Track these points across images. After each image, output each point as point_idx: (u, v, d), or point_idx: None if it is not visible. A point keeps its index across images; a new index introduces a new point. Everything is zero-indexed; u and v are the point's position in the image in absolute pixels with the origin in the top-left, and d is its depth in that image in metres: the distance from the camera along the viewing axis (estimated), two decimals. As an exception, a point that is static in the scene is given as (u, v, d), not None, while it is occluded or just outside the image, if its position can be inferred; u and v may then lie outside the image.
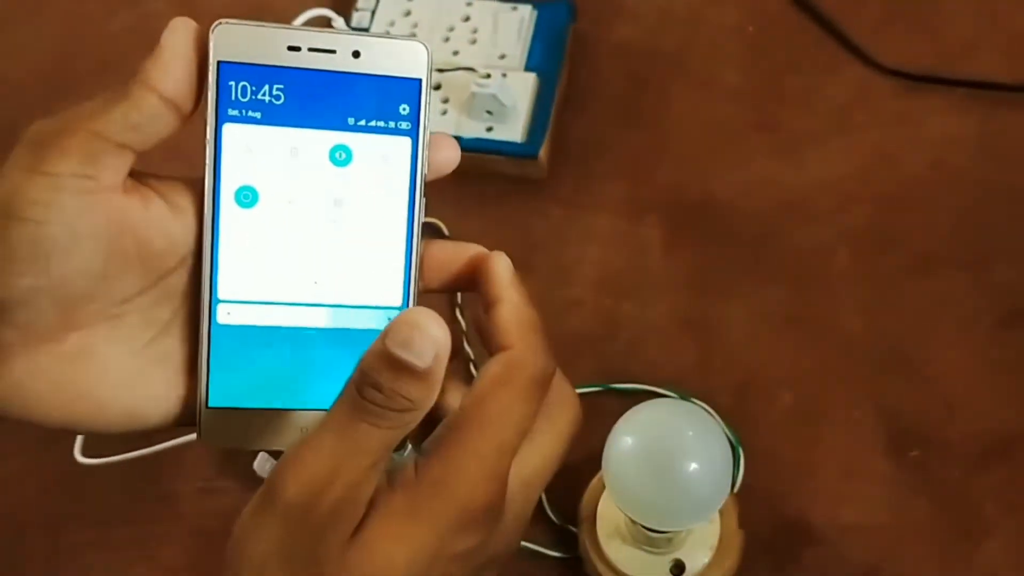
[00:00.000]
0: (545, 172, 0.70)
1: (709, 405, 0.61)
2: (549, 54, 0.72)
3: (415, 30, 0.73)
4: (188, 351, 0.43)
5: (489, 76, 0.69)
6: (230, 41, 0.40)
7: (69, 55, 0.79)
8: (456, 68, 0.71)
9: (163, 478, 0.63)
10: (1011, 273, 0.65)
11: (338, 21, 0.74)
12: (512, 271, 0.42)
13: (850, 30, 0.72)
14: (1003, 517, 0.59)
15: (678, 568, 0.56)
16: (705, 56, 0.74)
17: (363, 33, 0.46)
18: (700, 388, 0.62)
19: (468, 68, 0.70)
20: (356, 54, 0.41)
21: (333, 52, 0.41)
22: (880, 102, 0.71)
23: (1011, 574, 0.58)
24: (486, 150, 0.69)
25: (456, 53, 0.72)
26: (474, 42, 0.72)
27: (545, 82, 0.71)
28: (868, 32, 0.72)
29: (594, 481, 0.58)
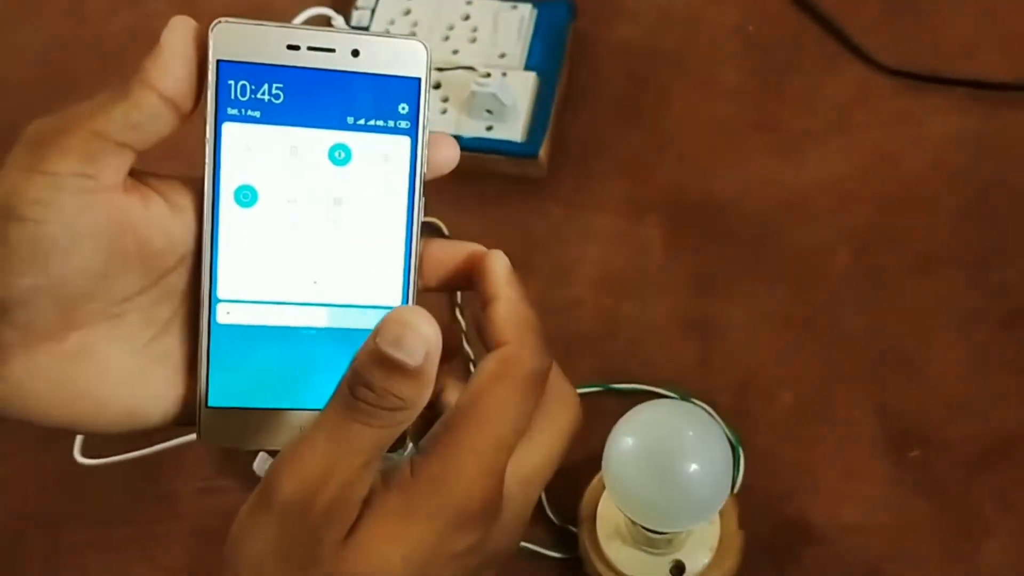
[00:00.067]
0: (545, 171, 0.70)
1: (709, 405, 0.61)
2: (549, 53, 0.72)
3: (415, 29, 0.73)
4: (188, 350, 0.43)
5: (489, 75, 0.69)
6: (229, 40, 0.40)
7: (69, 55, 0.79)
8: (456, 67, 0.70)
9: (163, 478, 0.63)
10: (1011, 273, 0.65)
11: (338, 20, 0.74)
12: (509, 269, 0.42)
13: (850, 29, 0.72)
14: (1003, 517, 0.59)
15: (678, 569, 0.56)
16: (705, 55, 0.74)
17: (362, 32, 0.46)
18: (700, 388, 0.62)
19: (468, 67, 0.70)
20: (355, 53, 0.41)
21: (332, 51, 0.41)
22: (880, 101, 0.71)
23: (1011, 574, 0.58)
24: (486, 149, 0.69)
25: (456, 52, 0.72)
26: (474, 41, 0.72)
27: (545, 81, 0.71)
28: (868, 31, 0.72)
29: (594, 481, 0.58)
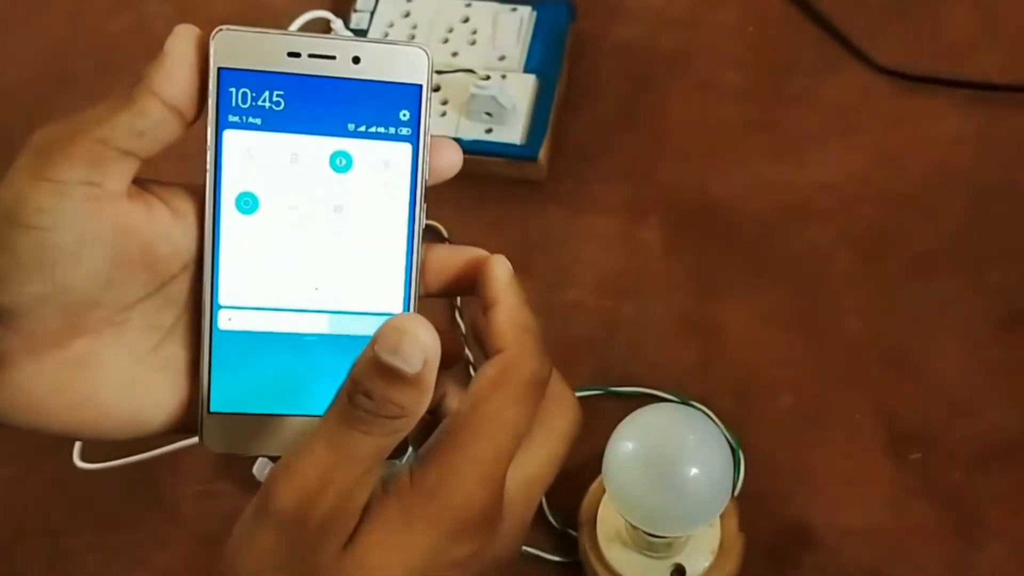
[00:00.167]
0: (545, 174, 0.70)
1: (709, 407, 0.61)
2: (548, 55, 0.72)
3: (414, 31, 0.73)
4: (191, 357, 0.43)
5: (488, 78, 0.69)
6: (230, 47, 0.40)
7: (68, 56, 0.78)
8: (455, 70, 0.70)
9: (162, 482, 0.63)
10: (1012, 274, 0.64)
11: (337, 23, 0.74)
12: (511, 274, 0.42)
13: (850, 30, 0.72)
14: (1004, 520, 0.58)
15: (679, 572, 0.56)
16: (705, 57, 0.73)
17: (363, 39, 0.46)
18: (700, 390, 0.62)
19: (467, 70, 0.70)
20: (356, 60, 0.41)
21: (333, 58, 0.41)
22: (880, 103, 0.70)
23: (1012, 577, 0.58)
24: (485, 152, 0.69)
25: (455, 54, 0.72)
26: (473, 43, 0.72)
27: (544, 83, 0.71)
28: (868, 33, 0.72)
29: (594, 485, 0.58)
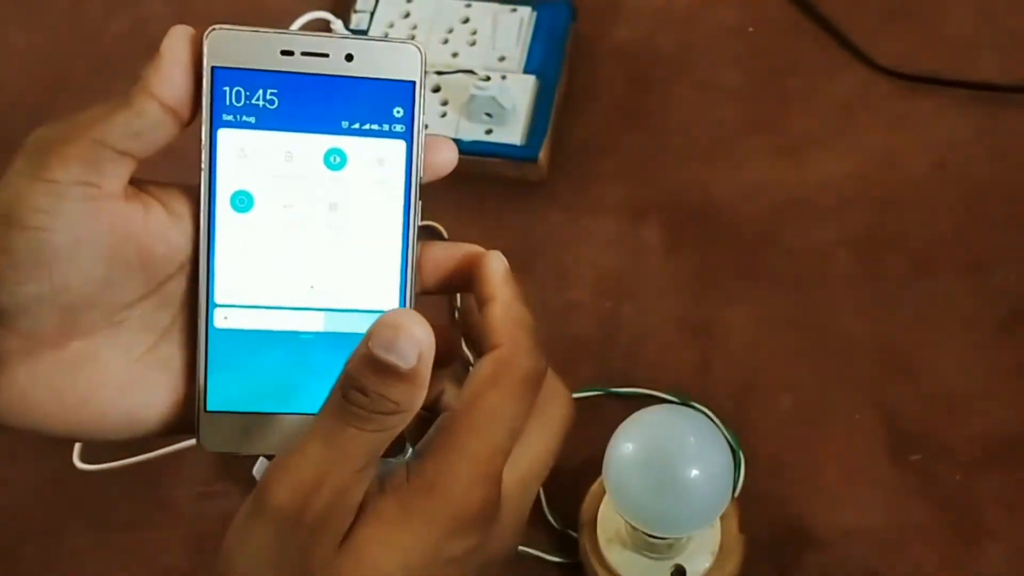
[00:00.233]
0: (545, 174, 0.70)
1: (709, 409, 0.61)
2: (548, 56, 0.72)
3: (414, 32, 0.73)
4: (188, 357, 0.42)
5: (488, 78, 0.69)
6: (224, 46, 0.40)
7: (67, 57, 0.78)
8: (455, 70, 0.70)
9: (162, 483, 0.63)
10: (1012, 275, 0.64)
11: (336, 23, 0.74)
12: (506, 269, 0.42)
13: (850, 31, 0.72)
14: (1005, 520, 0.58)
15: (679, 573, 0.56)
16: (705, 57, 0.73)
17: (356, 36, 0.46)
18: (700, 392, 0.62)
19: (467, 70, 0.70)
20: (349, 57, 0.41)
21: (326, 56, 0.41)
22: (880, 103, 0.70)
23: (1013, 578, 0.58)
24: (485, 153, 0.69)
25: (455, 55, 0.72)
26: (473, 44, 0.72)
27: (544, 84, 0.70)
28: (868, 33, 0.72)
29: (594, 486, 0.58)
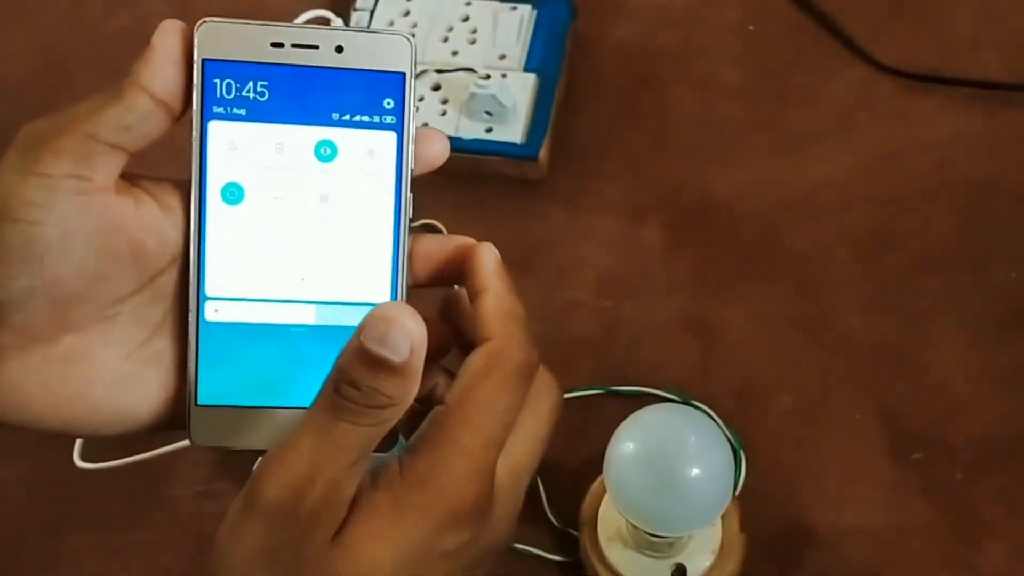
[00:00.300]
0: (545, 173, 0.70)
1: (710, 407, 0.61)
2: (549, 54, 0.71)
3: (414, 30, 0.73)
4: (180, 352, 0.42)
5: (489, 77, 0.69)
6: (214, 39, 0.40)
7: (66, 55, 0.78)
8: (455, 69, 0.70)
9: (162, 482, 0.63)
10: (1013, 274, 0.64)
11: (336, 22, 0.74)
12: (498, 261, 0.42)
13: (851, 29, 0.72)
14: (1006, 520, 0.58)
15: (680, 572, 0.55)
16: (705, 55, 0.73)
17: (346, 28, 0.46)
18: (701, 390, 0.62)
19: (467, 68, 0.70)
20: (339, 49, 0.41)
21: (316, 47, 0.41)
22: (881, 102, 0.70)
23: (1014, 577, 0.58)
24: (485, 151, 0.69)
25: (455, 53, 0.72)
26: (473, 42, 0.72)
27: (545, 82, 0.70)
28: (869, 31, 0.72)
29: (595, 485, 0.58)
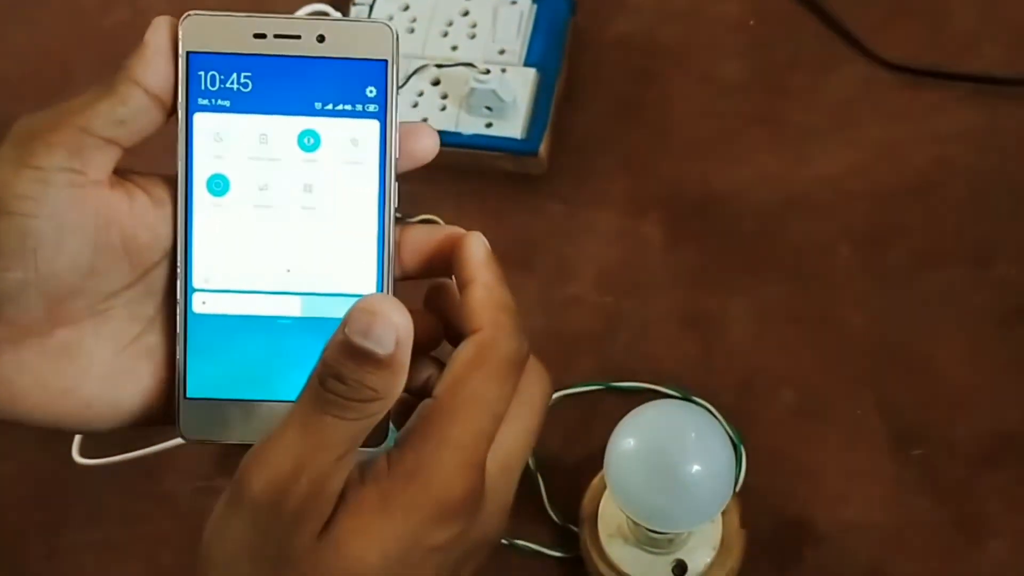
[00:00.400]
0: (545, 168, 0.70)
1: (710, 403, 0.61)
2: (549, 49, 0.71)
3: (413, 25, 0.73)
4: (173, 346, 0.42)
5: (488, 72, 0.68)
6: (198, 31, 0.41)
7: (64, 51, 0.78)
8: (455, 63, 0.70)
9: (161, 478, 0.63)
10: (1014, 268, 0.64)
11: (335, 16, 0.73)
12: (487, 251, 0.41)
13: (852, 24, 0.72)
14: (1007, 516, 0.58)
15: (680, 568, 0.55)
16: (706, 50, 0.73)
17: (328, 18, 0.46)
18: (701, 386, 0.62)
19: (467, 63, 0.70)
20: (321, 38, 0.41)
21: (298, 38, 0.41)
22: (882, 97, 0.70)
23: (1015, 573, 0.57)
24: (485, 146, 0.68)
25: (455, 48, 0.72)
26: (473, 37, 0.72)
27: (545, 77, 0.70)
28: (870, 26, 0.72)
29: (595, 481, 0.58)
